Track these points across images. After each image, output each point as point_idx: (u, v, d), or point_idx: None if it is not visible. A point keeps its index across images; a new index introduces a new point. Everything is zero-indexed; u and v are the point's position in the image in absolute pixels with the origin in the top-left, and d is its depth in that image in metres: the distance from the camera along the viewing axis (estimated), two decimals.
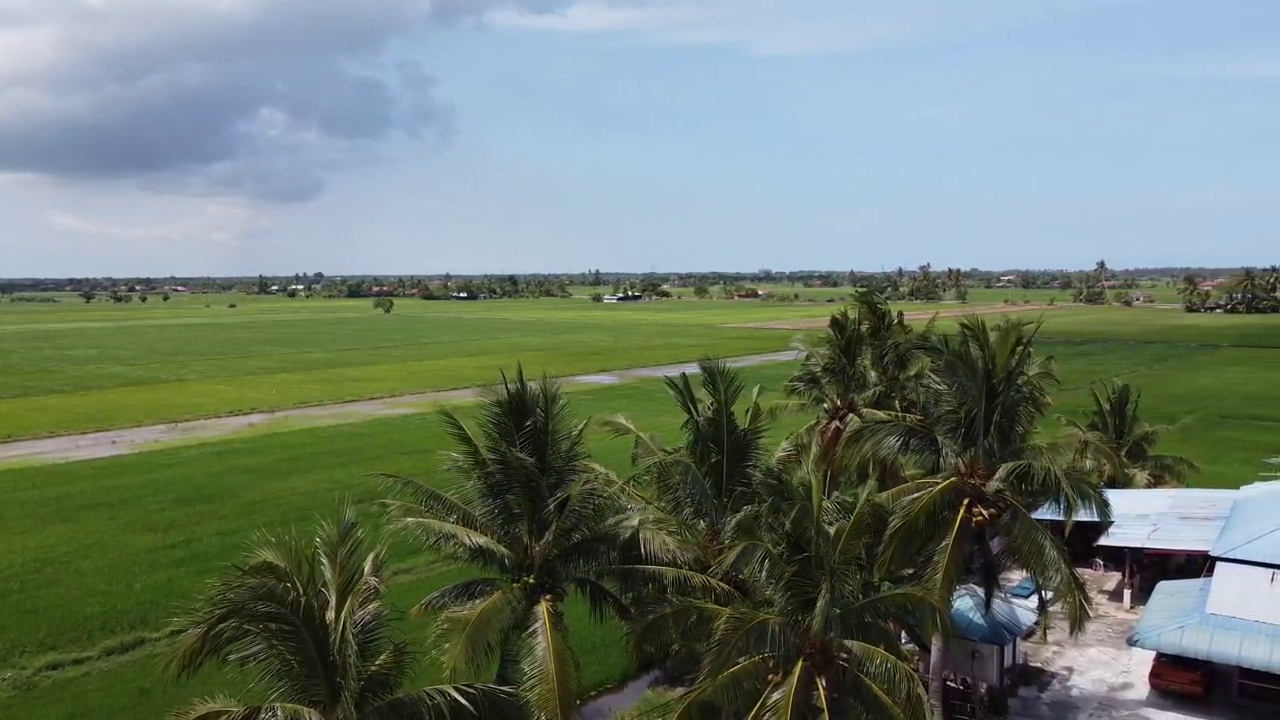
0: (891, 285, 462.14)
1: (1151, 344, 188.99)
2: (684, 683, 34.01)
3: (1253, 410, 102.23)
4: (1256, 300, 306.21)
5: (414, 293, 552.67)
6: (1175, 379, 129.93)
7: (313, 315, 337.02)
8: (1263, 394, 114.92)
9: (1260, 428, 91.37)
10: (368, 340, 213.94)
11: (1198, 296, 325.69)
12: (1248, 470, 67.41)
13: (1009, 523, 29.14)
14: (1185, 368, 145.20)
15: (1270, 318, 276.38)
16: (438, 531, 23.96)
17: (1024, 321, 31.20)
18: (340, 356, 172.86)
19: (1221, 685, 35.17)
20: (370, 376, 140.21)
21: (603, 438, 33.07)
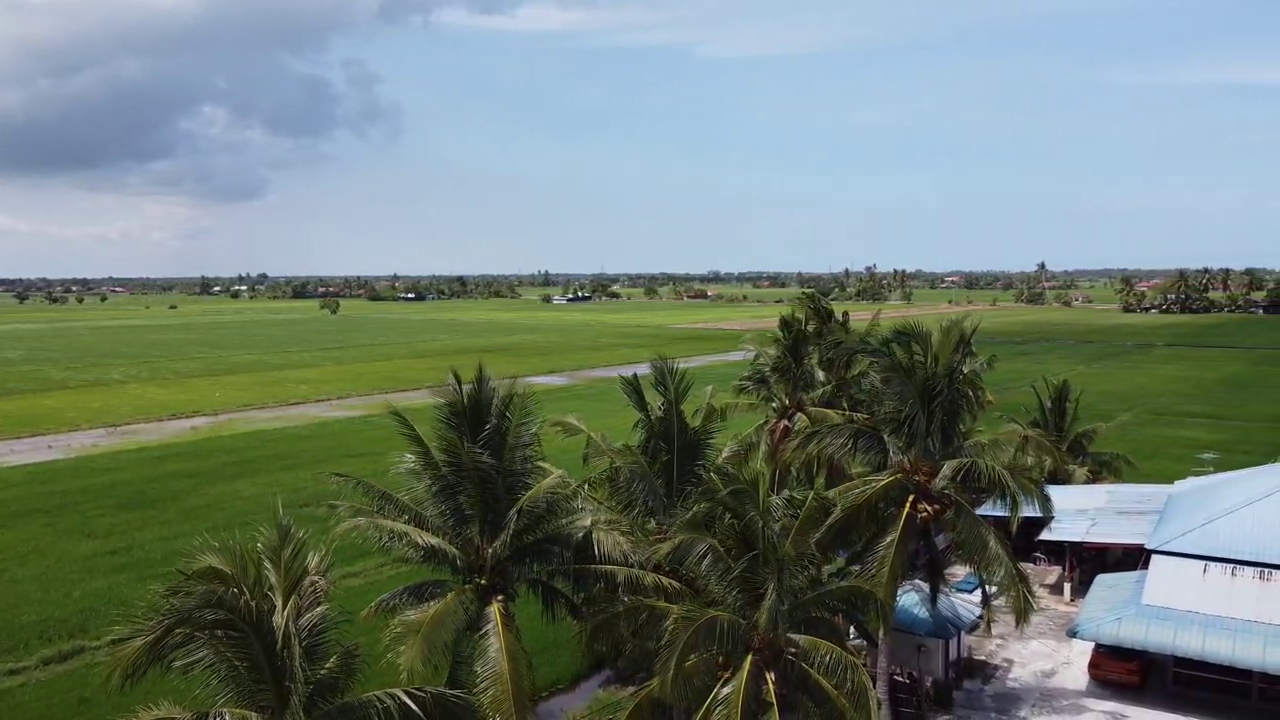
0: (839, 286, 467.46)
1: (1090, 343, 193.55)
2: (635, 681, 34.14)
3: (1186, 407, 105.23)
4: (1189, 301, 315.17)
5: (361, 294, 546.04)
6: (1113, 377, 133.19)
7: (257, 317, 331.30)
8: (1195, 392, 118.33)
9: (1193, 424, 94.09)
10: (313, 342, 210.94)
11: (1134, 297, 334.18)
12: (1181, 466, 69.46)
13: (954, 519, 29.73)
14: (1122, 366, 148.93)
15: (1202, 317, 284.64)
16: (389, 531, 23.79)
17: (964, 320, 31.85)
18: (285, 358, 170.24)
19: (1157, 674, 36.21)
20: (316, 378, 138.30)
21: (554, 438, 33.09)
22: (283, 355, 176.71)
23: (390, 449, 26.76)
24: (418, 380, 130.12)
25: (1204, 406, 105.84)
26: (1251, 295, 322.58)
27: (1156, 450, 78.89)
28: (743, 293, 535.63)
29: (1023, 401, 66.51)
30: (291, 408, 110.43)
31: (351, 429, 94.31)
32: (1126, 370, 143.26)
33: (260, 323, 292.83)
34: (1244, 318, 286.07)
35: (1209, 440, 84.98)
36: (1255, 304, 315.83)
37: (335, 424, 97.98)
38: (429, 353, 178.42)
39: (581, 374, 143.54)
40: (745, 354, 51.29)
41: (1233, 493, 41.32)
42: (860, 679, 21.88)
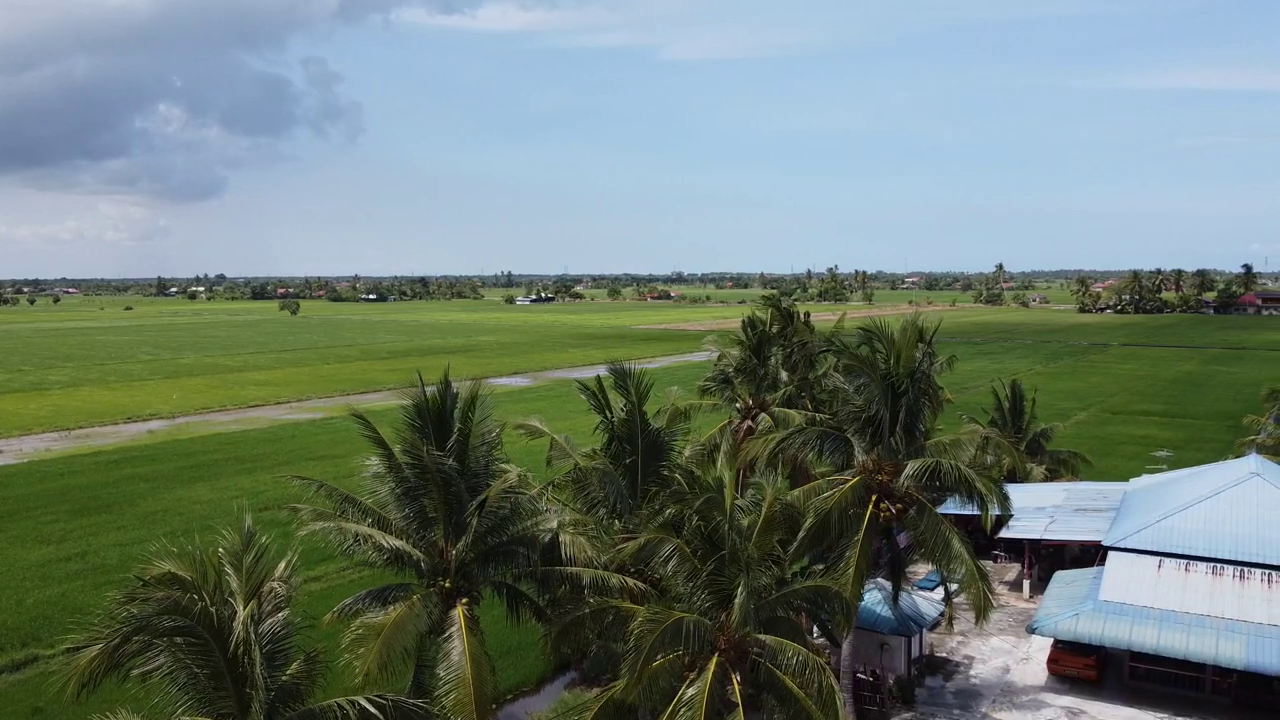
0: (801, 287, 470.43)
1: (1047, 343, 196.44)
2: (600, 682, 34.13)
3: (1141, 406, 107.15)
4: (1143, 301, 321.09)
5: (321, 294, 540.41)
6: (1069, 376, 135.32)
7: (215, 318, 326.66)
8: (1150, 391, 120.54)
9: (1147, 423, 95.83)
10: (273, 343, 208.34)
11: (1090, 298, 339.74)
12: (1136, 464, 70.77)
13: (916, 517, 30.03)
14: (1079, 366, 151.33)
15: (1155, 317, 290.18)
16: (352, 534, 23.55)
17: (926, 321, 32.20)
18: (244, 360, 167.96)
19: (1114, 669, 36.86)
20: (276, 380, 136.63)
21: (517, 439, 32.97)
22: (241, 357, 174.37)
23: (352, 451, 26.60)
24: (380, 382, 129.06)
25: (1158, 405, 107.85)
26: (1203, 296, 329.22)
27: (1112, 448, 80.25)
28: (706, 294, 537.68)
29: (981, 401, 67.36)
30: (251, 410, 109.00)
31: (312, 431, 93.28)
32: (1083, 370, 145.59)
33: (218, 324, 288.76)
34: (1196, 318, 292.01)
35: (1163, 438, 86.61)
36: (1206, 304, 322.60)
37: (295, 426, 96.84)
38: (391, 354, 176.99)
39: (545, 375, 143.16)
40: (709, 354, 51.47)
41: (1186, 490, 42.16)
42: (827, 679, 22.02)
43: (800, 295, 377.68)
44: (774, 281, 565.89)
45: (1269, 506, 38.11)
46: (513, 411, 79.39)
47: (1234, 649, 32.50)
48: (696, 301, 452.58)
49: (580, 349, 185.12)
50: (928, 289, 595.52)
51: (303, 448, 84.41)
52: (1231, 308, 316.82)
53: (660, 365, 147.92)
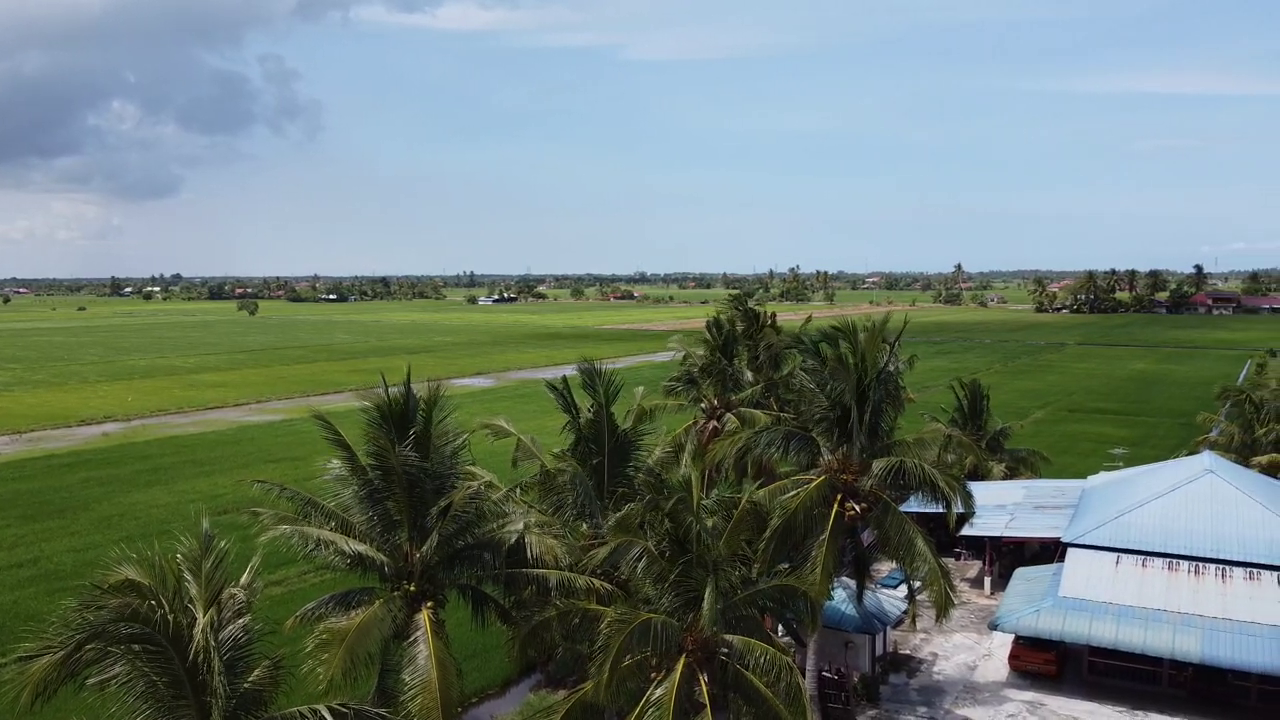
0: (763, 287, 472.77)
1: (1005, 343, 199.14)
2: (566, 684, 34.03)
3: (1096, 404, 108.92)
4: (1098, 301, 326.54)
5: (280, 294, 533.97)
6: (1027, 376, 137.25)
7: (171, 319, 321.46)
8: (1105, 389, 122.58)
9: (1104, 420, 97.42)
10: (231, 344, 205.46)
11: (1046, 298, 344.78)
12: (1094, 461, 71.92)
13: (880, 516, 30.23)
14: (1036, 365, 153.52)
15: (1110, 317, 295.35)
16: (314, 539, 23.24)
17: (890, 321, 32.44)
18: (202, 361, 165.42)
19: (1074, 664, 37.38)
20: (234, 381, 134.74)
21: (482, 440, 32.74)
22: (198, 358, 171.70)
23: (313, 454, 26.24)
24: (341, 383, 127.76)
25: (1114, 403, 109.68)
26: (1155, 296, 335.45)
27: (1070, 446, 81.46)
28: (669, 294, 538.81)
29: (941, 400, 68.13)
30: (208, 412, 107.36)
31: (272, 434, 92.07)
32: (1040, 369, 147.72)
33: (175, 325, 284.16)
34: (1149, 317, 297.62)
35: (1119, 436, 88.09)
36: (1159, 304, 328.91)
37: (255, 429, 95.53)
38: (352, 355, 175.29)
39: (509, 375, 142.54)
40: (673, 354, 51.57)
41: (1142, 487, 42.90)
42: (794, 678, 22.09)
43: (762, 295, 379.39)
44: (736, 282, 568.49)
45: (1223, 503, 38.87)
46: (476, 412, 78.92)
47: (1190, 643, 33.12)
48: (660, 301, 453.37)
49: (544, 349, 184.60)
50: (888, 289, 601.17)
51: (262, 450, 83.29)
52: (1183, 307, 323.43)
53: (624, 365, 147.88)
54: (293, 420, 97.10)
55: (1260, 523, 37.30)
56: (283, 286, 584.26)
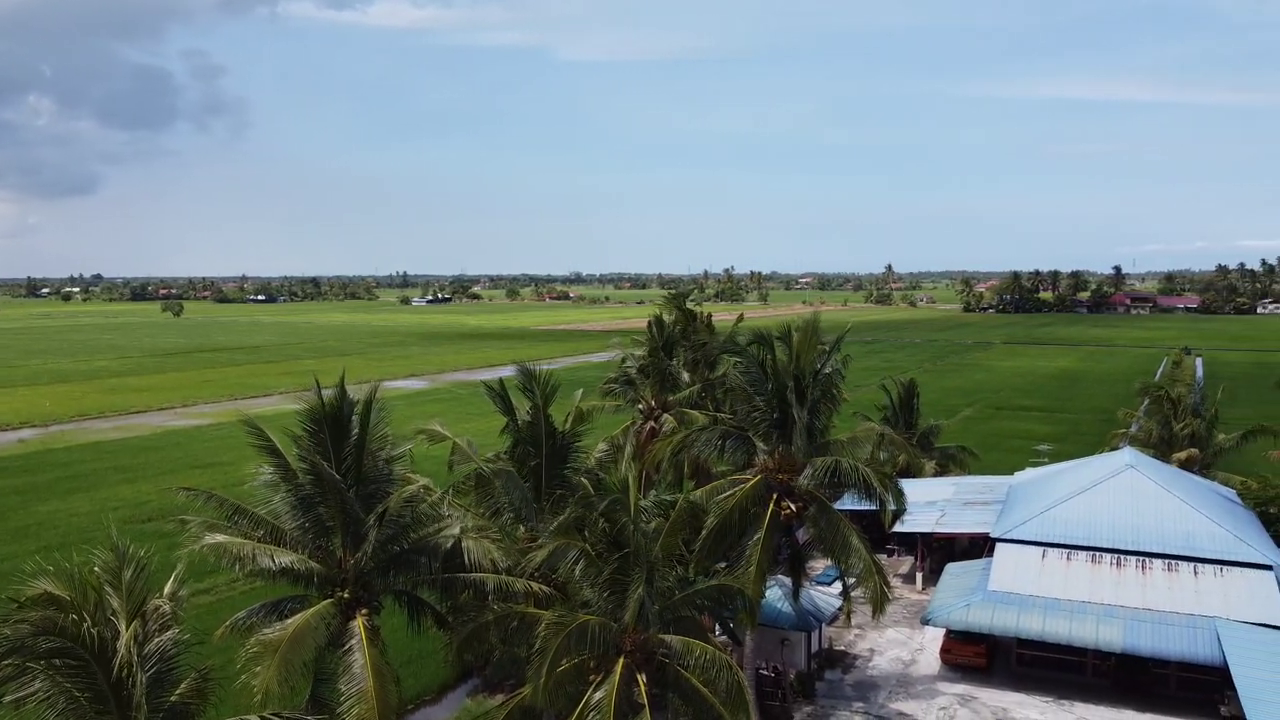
0: (698, 287, 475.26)
1: (934, 342, 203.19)
2: (504, 689, 33.78)
3: (1022, 402, 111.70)
4: (1023, 301, 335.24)
5: (206, 295, 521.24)
6: (955, 374, 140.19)
7: (92, 320, 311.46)
8: (1030, 387, 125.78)
9: (1029, 418, 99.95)
10: (155, 346, 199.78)
11: (973, 297, 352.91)
12: (1020, 457, 73.67)
13: (815, 515, 30.57)
14: (964, 364, 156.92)
15: (1034, 316, 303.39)
16: (241, 550, 22.68)
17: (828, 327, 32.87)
18: (124, 364, 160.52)
19: (1003, 656, 38.28)
20: (159, 385, 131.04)
21: (418, 444, 32.32)
22: (121, 361, 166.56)
23: (243, 459, 25.64)
24: (271, 386, 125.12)
25: (1038, 401, 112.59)
26: (1077, 295, 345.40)
27: (997, 443, 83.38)
28: (605, 294, 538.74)
29: (873, 398, 69.14)
30: (132, 417, 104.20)
31: (199, 438, 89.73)
32: (968, 367, 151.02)
33: (96, 326, 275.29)
34: (1071, 316, 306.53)
35: (1044, 432, 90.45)
36: (1080, 304, 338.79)
37: (181, 433, 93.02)
38: (282, 357, 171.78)
39: (443, 377, 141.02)
40: (612, 355, 51.56)
41: (1066, 482, 44.11)
42: (735, 677, 22.22)
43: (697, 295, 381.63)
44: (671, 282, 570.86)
45: (1142, 496, 40.17)
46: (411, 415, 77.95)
47: (1112, 633, 34.16)
48: (596, 302, 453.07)
49: (479, 351, 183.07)
50: (820, 289, 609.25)
51: (190, 455, 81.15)
52: (1103, 307, 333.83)
53: (561, 365, 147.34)
54: (221, 424, 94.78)
55: (1178, 516, 38.61)
56: (209, 287, 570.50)
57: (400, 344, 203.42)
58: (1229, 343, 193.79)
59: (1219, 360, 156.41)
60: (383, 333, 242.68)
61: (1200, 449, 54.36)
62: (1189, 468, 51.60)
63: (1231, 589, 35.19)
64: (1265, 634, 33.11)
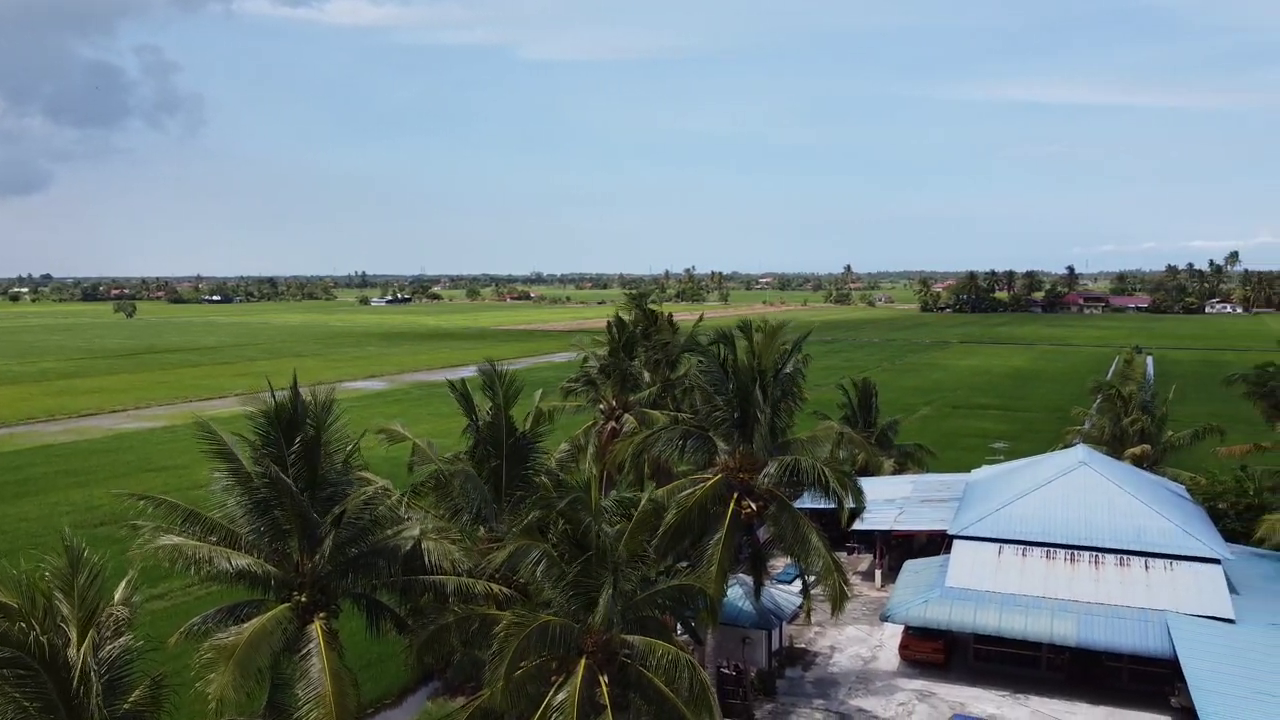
0: (659, 287, 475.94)
1: (892, 341, 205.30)
2: (465, 691, 33.56)
3: (979, 400, 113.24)
4: (979, 300, 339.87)
5: (160, 295, 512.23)
6: (913, 373, 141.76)
7: (42, 321, 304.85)
8: (987, 385, 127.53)
9: (986, 416, 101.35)
10: (108, 348, 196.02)
11: (931, 297, 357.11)
12: (976, 455, 74.61)
13: (776, 514, 30.73)
14: (921, 363, 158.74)
15: (990, 316, 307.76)
16: (195, 555, 22.33)
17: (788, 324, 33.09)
18: (76, 366, 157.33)
19: (960, 651, 38.78)
20: (112, 387, 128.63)
21: (377, 446, 32.08)
22: (72, 362, 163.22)
23: (198, 462, 25.27)
24: (226, 388, 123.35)
25: (994, 399, 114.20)
26: (1032, 295, 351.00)
27: (954, 441, 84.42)
28: (566, 294, 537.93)
29: (832, 397, 69.57)
30: (83, 419, 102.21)
31: (153, 441, 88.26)
32: (925, 366, 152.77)
33: (46, 328, 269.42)
34: (1026, 316, 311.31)
35: (999, 430, 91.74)
36: (1035, 303, 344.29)
37: (134, 436, 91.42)
38: (238, 358, 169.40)
39: (403, 378, 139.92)
40: (573, 355, 51.49)
41: (1022, 479, 44.78)
42: (698, 677, 22.27)
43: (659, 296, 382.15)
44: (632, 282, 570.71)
45: (1095, 493, 40.89)
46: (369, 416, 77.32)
47: (1067, 628, 34.74)
48: (556, 302, 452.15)
49: (439, 351, 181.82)
50: (780, 289, 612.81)
51: (143, 459, 79.75)
52: (1057, 306, 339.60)
53: (522, 366, 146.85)
54: (175, 426, 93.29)
55: (1130, 511, 39.35)
56: (163, 287, 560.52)
57: (359, 345, 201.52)
58: (1178, 342, 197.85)
59: (1169, 359, 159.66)
60: (341, 333, 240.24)
61: (1151, 445, 55.46)
62: (1140, 464, 52.61)
63: (1181, 583, 35.94)
64: (1213, 626, 33.86)
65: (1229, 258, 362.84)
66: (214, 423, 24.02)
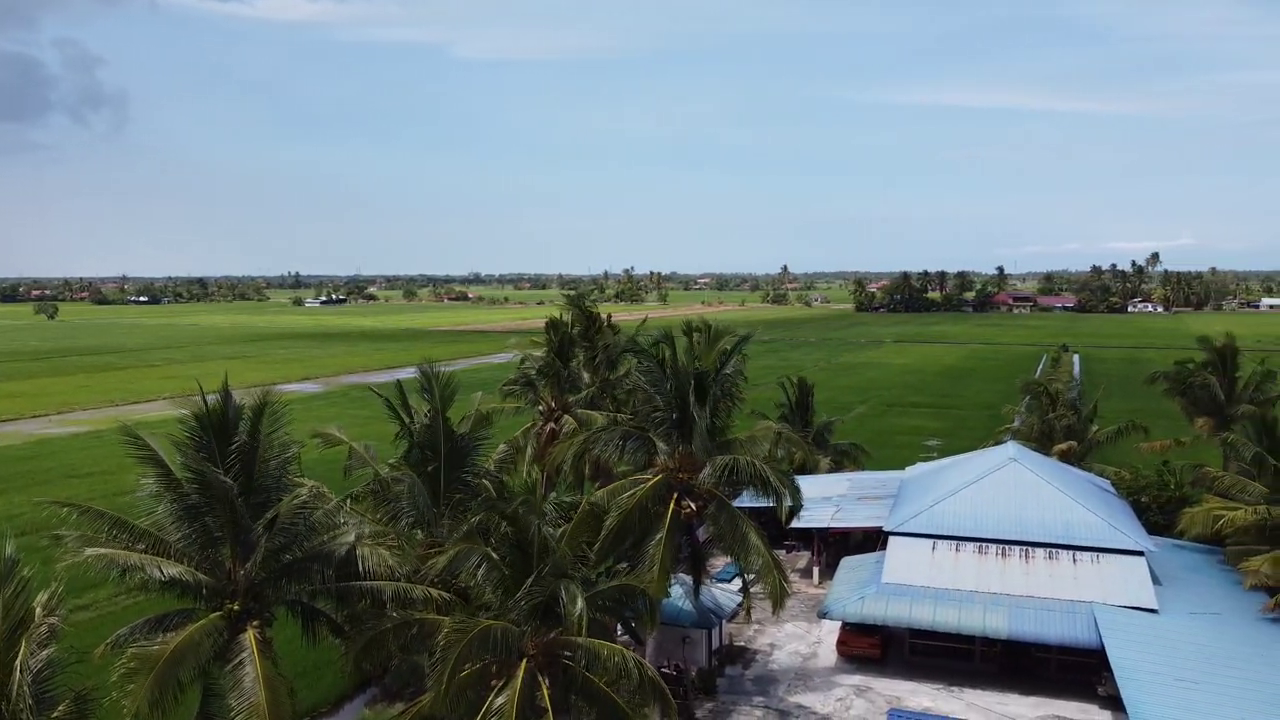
0: (598, 288, 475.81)
1: (828, 340, 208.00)
2: (404, 697, 33.15)
3: (912, 398, 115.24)
4: (913, 300, 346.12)
5: (84, 296, 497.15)
6: (849, 373, 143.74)
7: None
8: (920, 384, 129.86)
9: (919, 414, 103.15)
10: (27, 351, 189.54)
11: (866, 297, 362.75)
12: (911, 452, 75.94)
13: (715, 513, 30.93)
14: (857, 362, 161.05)
15: (923, 315, 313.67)
16: (124, 563, 21.73)
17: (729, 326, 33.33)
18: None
19: (896, 646, 39.40)
20: (32, 391, 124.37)
21: (313, 449, 31.50)
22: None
23: (125, 468, 24.59)
24: (155, 391, 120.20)
25: (928, 397, 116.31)
26: (963, 295, 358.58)
27: (889, 439, 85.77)
28: (504, 294, 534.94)
29: (771, 396, 70.21)
30: (1, 425, 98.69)
31: (77, 446, 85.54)
32: (861, 366, 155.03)
33: None
34: (958, 315, 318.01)
35: (933, 428, 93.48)
36: (966, 303, 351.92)
37: (57, 442, 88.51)
38: (167, 360, 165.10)
39: (339, 380, 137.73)
40: (510, 356, 51.19)
41: (954, 476, 45.67)
42: (644, 675, 22.31)
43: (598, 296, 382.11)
44: (571, 282, 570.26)
45: (1025, 488, 41.86)
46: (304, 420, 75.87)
47: (998, 621, 35.53)
48: (495, 302, 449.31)
49: (376, 353, 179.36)
50: (718, 289, 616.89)
51: (66, 465, 77.25)
52: (987, 306, 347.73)
53: (461, 367, 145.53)
54: (101, 431, 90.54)
55: (1058, 506, 40.38)
56: (87, 288, 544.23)
57: (294, 346, 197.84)
58: (1103, 340, 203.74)
59: (1095, 357, 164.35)
60: (275, 335, 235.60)
61: (1078, 442, 56.97)
62: (1067, 460, 54.00)
63: (1107, 575, 37.00)
64: (1138, 617, 34.93)
65: (1150, 258, 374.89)
66: (142, 427, 23.44)
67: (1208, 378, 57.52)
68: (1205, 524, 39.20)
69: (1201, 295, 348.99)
